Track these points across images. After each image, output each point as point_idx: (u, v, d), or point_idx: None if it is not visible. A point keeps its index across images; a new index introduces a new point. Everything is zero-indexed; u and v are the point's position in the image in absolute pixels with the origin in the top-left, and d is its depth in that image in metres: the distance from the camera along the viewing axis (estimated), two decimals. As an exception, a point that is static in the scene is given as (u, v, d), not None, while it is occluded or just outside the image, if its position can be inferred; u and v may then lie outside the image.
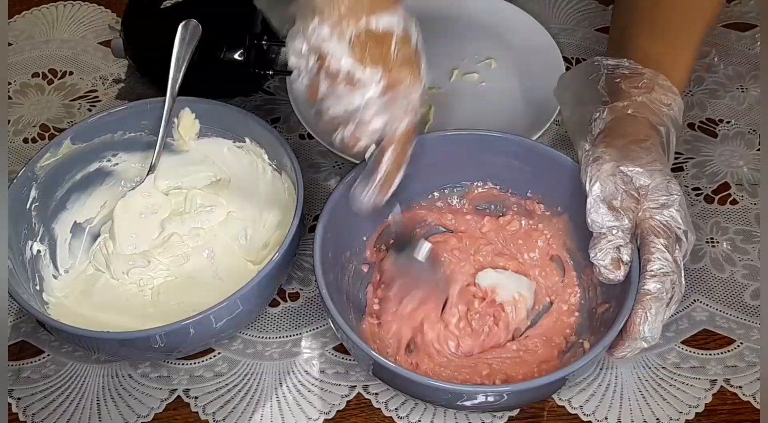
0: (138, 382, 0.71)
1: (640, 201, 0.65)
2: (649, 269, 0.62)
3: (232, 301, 0.64)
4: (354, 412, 0.69)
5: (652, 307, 0.62)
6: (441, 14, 0.96)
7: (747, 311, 0.73)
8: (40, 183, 0.74)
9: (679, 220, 0.64)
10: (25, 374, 0.72)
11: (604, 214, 0.64)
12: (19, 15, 1.01)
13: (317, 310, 0.75)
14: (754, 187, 0.81)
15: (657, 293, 0.62)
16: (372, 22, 0.59)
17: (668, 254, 0.63)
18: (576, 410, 0.68)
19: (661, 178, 0.65)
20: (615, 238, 0.64)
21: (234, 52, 0.83)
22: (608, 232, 0.64)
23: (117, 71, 0.95)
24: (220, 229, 0.78)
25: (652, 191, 0.65)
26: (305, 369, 0.71)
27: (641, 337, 0.62)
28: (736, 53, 0.93)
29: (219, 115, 0.78)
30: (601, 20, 0.97)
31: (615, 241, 0.64)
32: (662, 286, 0.62)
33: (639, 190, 0.65)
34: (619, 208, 0.64)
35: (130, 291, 0.74)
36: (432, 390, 0.61)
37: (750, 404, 0.68)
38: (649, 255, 0.63)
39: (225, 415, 0.69)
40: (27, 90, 0.94)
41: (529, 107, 0.87)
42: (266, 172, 0.78)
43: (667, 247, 0.63)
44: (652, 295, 0.62)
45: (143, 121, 0.78)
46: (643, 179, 0.65)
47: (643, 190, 0.65)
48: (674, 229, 0.64)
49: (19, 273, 0.70)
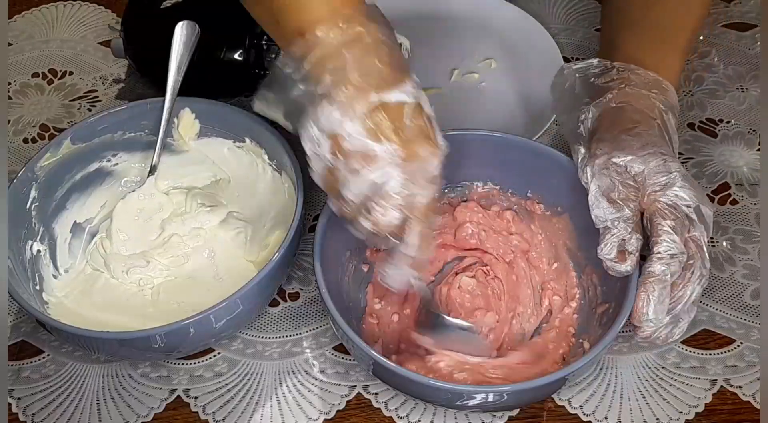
0: (138, 382, 0.71)
1: (639, 189, 0.65)
2: (656, 251, 0.62)
3: (232, 301, 0.64)
4: (354, 412, 0.69)
5: (655, 289, 0.61)
6: (442, 14, 0.96)
7: (747, 311, 0.73)
8: (40, 183, 0.74)
9: (685, 197, 0.64)
10: (25, 374, 0.72)
11: (605, 208, 0.64)
12: (19, 15, 1.01)
13: (317, 310, 0.75)
14: (754, 187, 0.81)
15: (661, 275, 0.62)
16: (383, 98, 0.58)
17: (676, 235, 0.62)
18: (576, 410, 0.68)
19: (656, 160, 0.65)
20: (618, 230, 0.64)
21: (234, 52, 0.83)
22: (612, 225, 0.64)
23: (117, 71, 0.95)
24: (220, 229, 0.77)
25: (649, 175, 0.65)
26: (305, 369, 0.71)
27: (645, 320, 0.62)
28: (736, 53, 0.93)
29: (219, 115, 0.78)
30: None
31: (618, 234, 0.64)
32: (667, 269, 0.62)
33: (635, 177, 0.65)
34: (617, 199, 0.64)
35: (130, 291, 0.74)
36: (432, 390, 0.61)
37: (750, 404, 0.68)
38: (657, 237, 0.63)
39: (225, 415, 0.69)
40: (27, 90, 0.94)
41: (529, 107, 0.87)
42: (266, 172, 0.78)
43: (674, 229, 0.62)
44: (656, 277, 0.62)
45: (143, 121, 0.78)
46: (637, 166, 0.65)
47: (640, 176, 0.65)
48: (682, 207, 0.63)
49: (19, 273, 0.70)
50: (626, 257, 0.63)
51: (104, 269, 0.75)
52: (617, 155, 0.65)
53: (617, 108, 0.70)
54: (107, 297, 0.74)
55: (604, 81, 0.72)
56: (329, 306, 0.62)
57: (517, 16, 0.94)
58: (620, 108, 0.70)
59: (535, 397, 0.66)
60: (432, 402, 0.65)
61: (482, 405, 0.62)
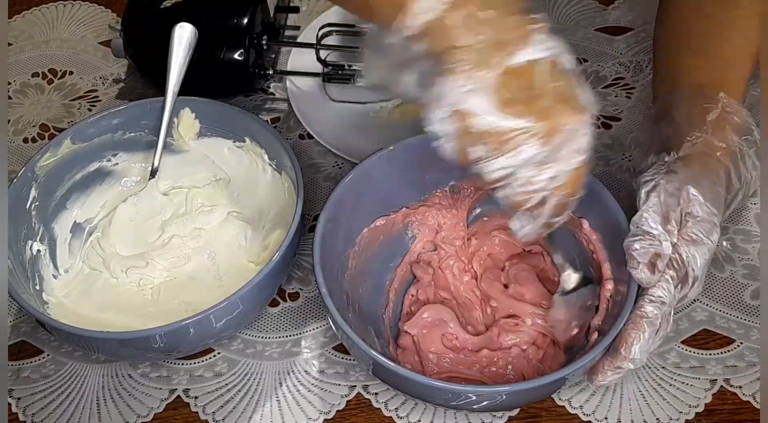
0: (138, 382, 0.71)
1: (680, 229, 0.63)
2: (651, 293, 0.61)
3: (232, 301, 0.64)
4: (354, 412, 0.69)
5: (645, 330, 0.61)
6: (441, 14, 0.96)
7: (747, 311, 0.73)
8: (40, 183, 0.74)
9: (697, 264, 0.62)
10: (25, 374, 0.72)
11: (656, 220, 0.62)
12: (19, 15, 1.01)
13: (317, 310, 0.75)
14: (755, 187, 0.81)
15: (652, 318, 0.61)
16: (512, 61, 0.51)
17: (672, 287, 0.62)
18: (576, 410, 0.68)
19: (708, 219, 0.63)
20: (657, 242, 0.61)
21: (234, 52, 0.83)
22: (656, 235, 0.61)
23: (117, 71, 0.95)
24: (220, 229, 0.78)
25: (693, 225, 0.62)
26: (305, 369, 0.71)
27: (631, 358, 0.61)
28: (736, 53, 0.93)
29: (219, 115, 0.78)
30: (601, 20, 0.97)
31: (657, 248, 0.61)
32: (658, 313, 0.61)
33: (686, 217, 0.63)
34: (673, 220, 0.62)
35: (130, 291, 0.74)
36: (432, 390, 0.61)
37: (750, 404, 0.68)
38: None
39: (225, 415, 0.69)
40: (27, 90, 0.94)
41: (529, 107, 0.87)
42: (266, 172, 0.78)
43: (673, 280, 0.62)
44: (649, 319, 0.61)
45: (143, 121, 0.78)
46: (697, 210, 0.63)
47: (689, 217, 0.63)
48: (688, 269, 0.62)
49: (19, 273, 0.70)
50: (654, 272, 0.61)
51: (102, 268, 0.75)
52: (694, 188, 0.63)
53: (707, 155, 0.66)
54: (107, 297, 0.74)
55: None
56: (329, 306, 0.62)
57: (517, 16, 0.94)
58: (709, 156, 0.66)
59: (535, 397, 0.66)
60: (432, 402, 0.65)
61: (482, 405, 0.62)
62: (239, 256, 0.76)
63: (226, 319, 0.65)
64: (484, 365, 0.69)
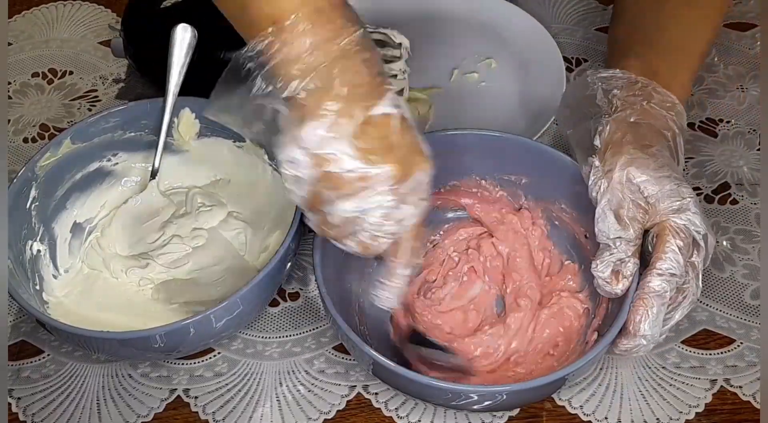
0: (138, 382, 0.71)
1: (648, 211, 0.63)
2: (657, 267, 0.61)
3: (232, 301, 0.64)
4: (354, 412, 0.69)
5: (654, 305, 0.61)
6: (441, 14, 0.96)
7: (747, 311, 0.73)
8: (40, 183, 0.74)
9: (697, 223, 0.63)
10: (25, 374, 0.72)
11: (611, 224, 0.63)
12: (19, 15, 1.01)
13: (317, 310, 0.75)
14: (754, 186, 0.81)
15: (660, 291, 0.61)
16: (371, 112, 0.54)
17: (680, 257, 0.62)
18: (576, 410, 0.68)
19: (670, 184, 0.64)
20: (618, 251, 0.63)
21: (234, 52, 0.83)
22: (612, 243, 0.63)
23: (117, 71, 0.95)
24: (220, 229, 0.77)
25: (662, 198, 0.63)
26: (305, 369, 0.71)
27: (641, 334, 0.61)
28: (736, 53, 0.93)
29: (219, 115, 0.78)
30: (601, 20, 0.97)
31: (617, 255, 0.63)
32: (667, 285, 0.61)
33: (648, 199, 0.64)
34: (625, 217, 0.63)
35: (131, 291, 0.74)
36: (432, 390, 0.61)
37: (750, 404, 0.68)
38: (662, 253, 0.62)
39: (225, 415, 0.69)
40: (27, 90, 0.94)
41: (529, 107, 0.87)
42: (266, 172, 0.78)
43: (681, 250, 0.62)
44: (656, 292, 0.61)
45: (143, 121, 0.78)
46: (651, 187, 0.64)
47: (653, 198, 0.63)
48: (693, 232, 0.63)
49: (19, 273, 0.70)
50: (619, 280, 0.62)
51: (102, 268, 0.75)
52: (633, 173, 0.64)
53: (635, 124, 0.68)
54: (107, 297, 0.74)
55: (626, 94, 0.70)
56: (329, 306, 0.62)
57: (517, 16, 0.94)
58: (638, 124, 0.68)
59: (535, 397, 0.66)
60: (432, 402, 0.65)
61: (482, 405, 0.62)
62: (239, 257, 0.76)
63: (226, 319, 0.65)
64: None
